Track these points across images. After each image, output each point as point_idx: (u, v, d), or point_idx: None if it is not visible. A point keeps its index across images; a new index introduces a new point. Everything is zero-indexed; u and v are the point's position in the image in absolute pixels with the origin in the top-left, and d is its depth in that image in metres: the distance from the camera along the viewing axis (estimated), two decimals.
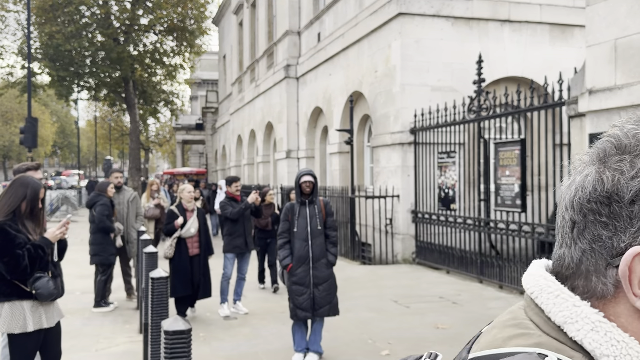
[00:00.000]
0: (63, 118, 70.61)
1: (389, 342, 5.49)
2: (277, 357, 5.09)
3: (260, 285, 8.45)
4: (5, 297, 3.26)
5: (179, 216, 6.45)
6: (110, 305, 7.09)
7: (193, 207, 6.64)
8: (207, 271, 6.61)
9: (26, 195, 3.31)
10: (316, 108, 15.32)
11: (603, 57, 5.64)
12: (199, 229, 6.54)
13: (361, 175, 13.10)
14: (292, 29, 17.09)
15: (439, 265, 9.53)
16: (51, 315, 3.41)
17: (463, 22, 10.70)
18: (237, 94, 26.09)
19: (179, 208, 6.56)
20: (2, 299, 3.26)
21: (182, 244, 6.42)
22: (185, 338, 2.23)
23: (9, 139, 54.30)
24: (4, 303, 3.26)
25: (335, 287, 5.04)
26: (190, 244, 6.47)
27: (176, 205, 6.64)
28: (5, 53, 23.63)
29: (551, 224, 7.28)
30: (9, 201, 3.29)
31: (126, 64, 22.56)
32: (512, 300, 7.23)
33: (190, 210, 6.57)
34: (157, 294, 3.39)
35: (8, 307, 3.25)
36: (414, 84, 10.39)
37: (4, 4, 23.26)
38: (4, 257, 3.18)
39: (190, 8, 23.29)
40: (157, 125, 52.43)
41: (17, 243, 3.20)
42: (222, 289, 6.77)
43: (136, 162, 24.74)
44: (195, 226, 6.50)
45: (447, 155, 9.33)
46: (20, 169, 4.32)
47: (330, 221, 5.09)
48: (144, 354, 4.56)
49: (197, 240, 6.53)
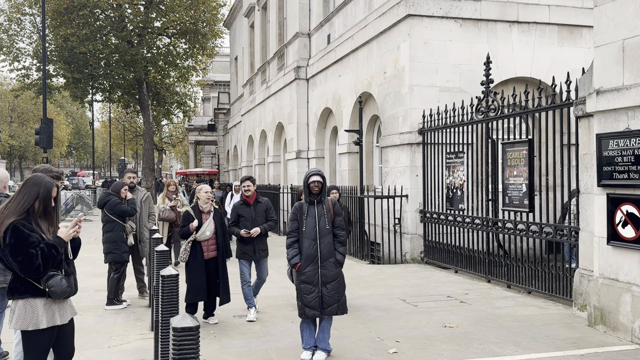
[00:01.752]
0: (78, 119, 71.49)
1: (397, 340, 5.56)
2: (286, 355, 5.17)
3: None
4: (20, 294, 3.30)
5: (194, 219, 6.25)
6: (123, 303, 7.22)
7: (209, 208, 6.37)
8: (225, 275, 6.31)
9: (39, 194, 3.35)
10: (326, 109, 15.41)
11: (611, 57, 5.65)
12: (216, 232, 6.29)
13: (370, 176, 13.16)
14: (303, 31, 17.20)
15: (447, 264, 9.57)
16: (64, 313, 3.45)
17: (471, 24, 10.73)
18: (248, 95, 26.26)
19: (194, 210, 6.33)
20: (16, 296, 3.31)
21: (197, 247, 6.20)
22: (194, 335, 2.26)
23: (25, 140, 55.13)
24: (17, 300, 3.31)
25: (343, 285, 5.12)
26: (206, 247, 6.22)
27: (192, 206, 6.43)
28: (22, 55, 24.02)
29: (559, 224, 7.30)
30: (22, 200, 3.32)
31: (140, 66, 22.82)
32: (519, 300, 7.26)
33: (207, 212, 6.32)
34: (167, 292, 3.45)
35: (22, 304, 3.31)
36: (422, 85, 10.44)
37: (20, 7, 23.65)
38: (18, 256, 3.22)
39: (203, 11, 23.49)
40: (170, 127, 52.87)
41: (30, 242, 3.24)
42: (245, 295, 6.55)
43: (150, 163, 25.02)
44: (210, 229, 6.24)
45: (456, 156, 9.37)
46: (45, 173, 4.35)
47: (338, 221, 5.16)
48: (155, 351, 4.68)
49: (214, 243, 6.28)
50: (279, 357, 5.11)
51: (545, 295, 7.30)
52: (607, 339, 5.52)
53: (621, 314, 5.51)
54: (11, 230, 3.24)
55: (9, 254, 3.24)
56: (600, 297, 5.78)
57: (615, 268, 5.64)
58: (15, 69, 24.03)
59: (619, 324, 5.54)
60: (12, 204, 3.32)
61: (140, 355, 5.21)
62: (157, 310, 4.44)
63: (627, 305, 5.43)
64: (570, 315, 6.46)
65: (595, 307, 5.86)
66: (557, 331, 5.82)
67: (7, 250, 3.24)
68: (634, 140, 5.35)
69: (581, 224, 6.40)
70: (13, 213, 3.29)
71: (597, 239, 5.90)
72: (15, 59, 23.89)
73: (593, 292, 5.91)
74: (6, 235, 3.24)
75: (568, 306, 6.78)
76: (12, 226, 3.25)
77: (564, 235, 7.00)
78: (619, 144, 5.52)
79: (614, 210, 5.58)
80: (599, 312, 5.80)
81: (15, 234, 3.23)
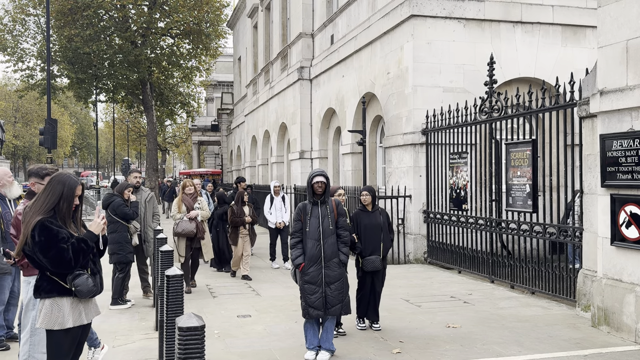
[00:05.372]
0: (82, 120, 71.70)
1: (401, 340, 5.57)
2: (290, 355, 5.19)
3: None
4: (46, 293, 3.28)
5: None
6: (128, 302, 7.25)
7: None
8: None
9: (63, 193, 3.33)
10: (329, 109, 15.43)
11: (615, 58, 5.65)
12: None
13: (373, 176, 13.17)
14: (306, 31, 17.22)
15: (450, 265, 9.58)
16: (89, 312, 3.44)
17: (475, 24, 10.73)
18: (251, 96, 26.30)
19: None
20: (43, 295, 3.29)
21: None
22: (199, 334, 2.26)
23: (29, 140, 55.33)
24: (44, 300, 3.29)
25: (347, 286, 5.14)
26: None
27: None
28: (26, 56, 24.13)
29: (563, 224, 7.30)
30: (47, 199, 3.31)
31: (143, 66, 22.90)
32: (523, 300, 7.26)
33: None
34: (172, 292, 3.45)
35: (49, 303, 3.28)
36: (426, 85, 10.44)
37: (24, 7, 23.76)
38: (49, 252, 3.20)
39: (206, 11, 23.56)
40: (174, 127, 53.01)
41: (60, 238, 3.22)
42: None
43: (153, 163, 25.10)
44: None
45: (459, 156, 9.37)
46: (39, 173, 4.37)
47: (342, 221, 5.17)
48: (159, 351, 4.69)
49: None
50: (282, 357, 5.13)
51: (549, 295, 7.30)
52: (610, 339, 5.52)
53: (625, 315, 5.51)
54: (39, 228, 3.22)
55: (39, 251, 3.21)
56: (604, 298, 5.78)
57: (619, 269, 5.64)
58: (20, 69, 24.15)
59: (622, 324, 5.54)
60: (37, 203, 3.31)
61: (144, 355, 5.23)
62: (161, 310, 4.45)
63: (631, 305, 5.42)
64: (574, 315, 6.46)
65: (599, 307, 5.86)
66: (561, 332, 5.82)
67: (37, 248, 3.21)
68: (637, 141, 5.35)
69: (585, 224, 6.40)
70: (39, 212, 3.27)
71: (600, 240, 5.89)
72: (19, 59, 24.01)
73: (597, 293, 5.91)
74: (35, 233, 3.21)
75: (572, 307, 6.78)
76: (40, 224, 3.22)
77: (567, 236, 7.00)
78: (622, 145, 5.51)
79: (617, 211, 5.58)
80: (603, 313, 5.79)
81: (44, 231, 3.21)
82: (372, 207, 6.04)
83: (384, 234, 5.96)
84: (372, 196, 6.05)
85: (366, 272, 5.92)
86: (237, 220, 9.01)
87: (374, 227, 5.92)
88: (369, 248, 5.88)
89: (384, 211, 6.14)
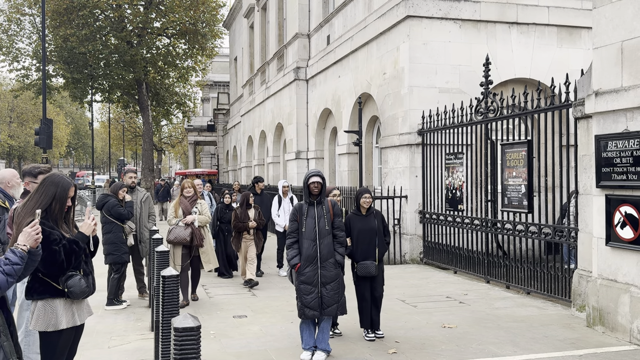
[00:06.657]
0: (77, 119, 71.46)
1: (396, 340, 5.57)
2: (286, 355, 5.19)
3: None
4: (38, 294, 3.26)
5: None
6: (123, 303, 7.23)
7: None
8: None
9: (56, 194, 3.31)
10: (325, 109, 15.44)
11: (610, 59, 5.67)
12: None
13: (369, 176, 13.18)
14: (302, 31, 17.22)
15: (446, 265, 9.59)
16: (82, 313, 3.43)
17: (471, 25, 10.75)
18: (247, 96, 26.29)
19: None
20: (35, 297, 3.27)
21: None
22: (195, 335, 2.27)
23: (24, 140, 55.09)
24: (37, 301, 3.28)
25: (343, 286, 5.14)
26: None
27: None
28: (21, 56, 24.03)
29: (558, 225, 7.32)
30: (40, 199, 3.28)
31: (139, 66, 22.85)
32: (518, 301, 7.28)
33: None
34: (167, 292, 3.46)
35: (41, 305, 3.27)
36: (422, 85, 10.46)
37: (20, 7, 23.67)
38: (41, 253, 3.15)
39: (202, 11, 23.52)
40: (170, 127, 52.87)
41: (52, 239, 3.20)
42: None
43: (149, 163, 25.03)
44: None
45: (455, 157, 9.39)
46: (32, 172, 4.35)
47: (338, 222, 5.18)
48: (155, 351, 4.69)
49: None
50: (278, 357, 5.13)
51: (544, 295, 7.32)
52: (605, 339, 5.54)
53: (620, 315, 5.53)
54: None
55: None
56: (599, 298, 5.80)
57: (614, 269, 5.66)
58: (15, 69, 24.05)
59: (617, 324, 5.56)
60: (29, 203, 3.28)
61: (140, 356, 5.22)
62: (157, 311, 4.45)
63: (626, 306, 5.45)
64: (569, 315, 6.48)
65: (594, 307, 5.88)
66: (556, 332, 5.84)
67: None
68: (632, 142, 5.38)
69: (580, 224, 6.42)
70: (31, 213, 3.24)
71: (595, 240, 5.92)
72: (14, 59, 23.91)
73: (592, 293, 5.93)
74: None
75: (567, 307, 6.80)
76: None
77: (562, 236, 7.02)
78: (617, 145, 5.54)
79: (612, 211, 5.60)
80: (598, 313, 5.82)
81: None
82: (366, 210, 5.80)
83: (378, 238, 5.71)
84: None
85: (360, 277, 5.70)
86: (240, 225, 8.39)
87: (367, 232, 5.69)
88: (362, 254, 5.64)
89: (379, 214, 5.87)
